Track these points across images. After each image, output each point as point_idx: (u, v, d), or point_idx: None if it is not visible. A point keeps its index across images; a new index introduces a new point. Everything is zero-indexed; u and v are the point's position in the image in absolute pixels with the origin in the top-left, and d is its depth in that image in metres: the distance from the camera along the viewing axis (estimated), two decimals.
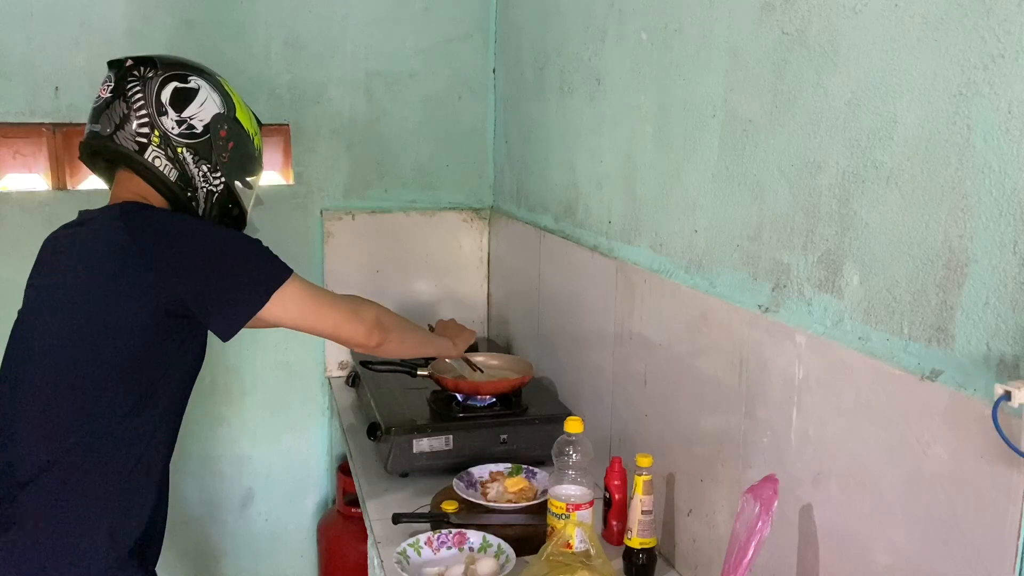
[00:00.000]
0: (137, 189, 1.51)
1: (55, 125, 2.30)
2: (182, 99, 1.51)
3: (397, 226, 2.61)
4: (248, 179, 1.64)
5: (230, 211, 1.62)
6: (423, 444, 1.84)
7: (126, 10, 2.30)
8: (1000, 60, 0.87)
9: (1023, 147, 0.85)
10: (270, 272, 1.45)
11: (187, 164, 1.51)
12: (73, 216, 1.57)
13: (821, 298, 1.15)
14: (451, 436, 1.86)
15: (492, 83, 2.64)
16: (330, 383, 2.58)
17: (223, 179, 1.56)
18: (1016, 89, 0.86)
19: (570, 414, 1.84)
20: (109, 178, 1.58)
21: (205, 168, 1.53)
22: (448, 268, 2.69)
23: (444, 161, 2.65)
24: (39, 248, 1.55)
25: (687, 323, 1.48)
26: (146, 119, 1.48)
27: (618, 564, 1.49)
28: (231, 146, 1.57)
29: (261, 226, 2.51)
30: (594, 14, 1.86)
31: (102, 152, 1.52)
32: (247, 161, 1.62)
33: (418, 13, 2.55)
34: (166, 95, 1.50)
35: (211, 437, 2.54)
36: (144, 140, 1.48)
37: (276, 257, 1.47)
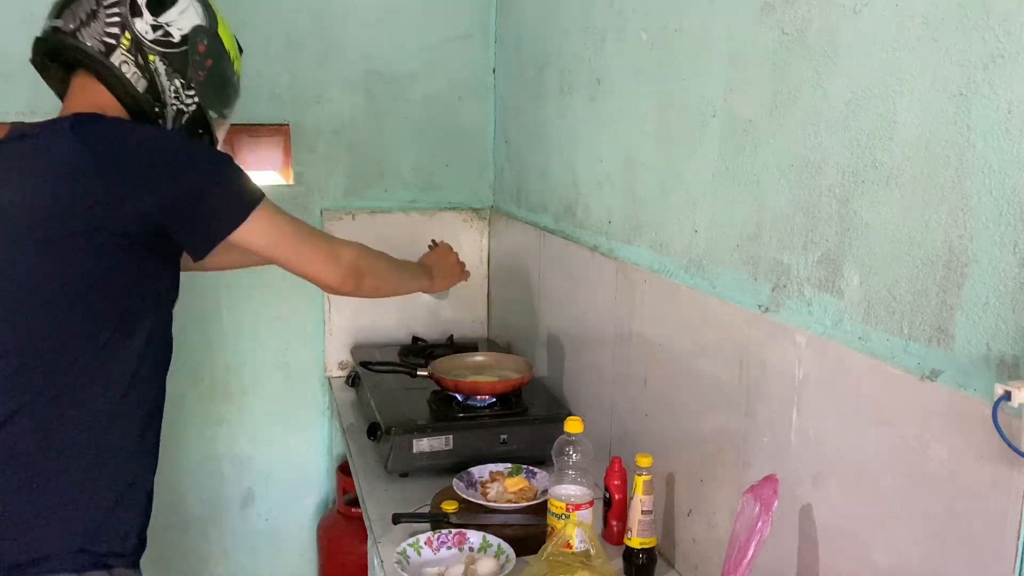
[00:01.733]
0: (95, 99, 1.34)
1: None
2: (160, 2, 1.36)
3: (397, 226, 2.61)
4: (223, 109, 1.48)
5: (199, 137, 1.46)
6: (423, 444, 1.84)
7: None
8: (1000, 60, 0.87)
9: (1023, 147, 0.85)
10: (247, 189, 1.33)
11: (158, 75, 1.35)
12: None
13: (821, 298, 1.15)
14: (451, 436, 1.86)
15: (492, 83, 2.64)
16: (330, 383, 2.58)
17: (196, 99, 1.41)
18: (1016, 89, 0.86)
19: (570, 414, 1.84)
20: (62, 86, 1.41)
21: (178, 83, 1.38)
22: None
23: (444, 161, 2.65)
24: None
25: (687, 323, 1.48)
26: (117, 18, 1.32)
27: (618, 564, 1.49)
28: (209, 64, 1.41)
29: None
30: (594, 14, 1.86)
31: (59, 51, 1.35)
32: (224, 84, 1.47)
33: (418, 13, 2.55)
34: None
35: (211, 437, 2.54)
36: (112, 41, 1.32)
37: (250, 178, 1.36)
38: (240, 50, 1.54)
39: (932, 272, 0.97)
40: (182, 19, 1.38)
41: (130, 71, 1.34)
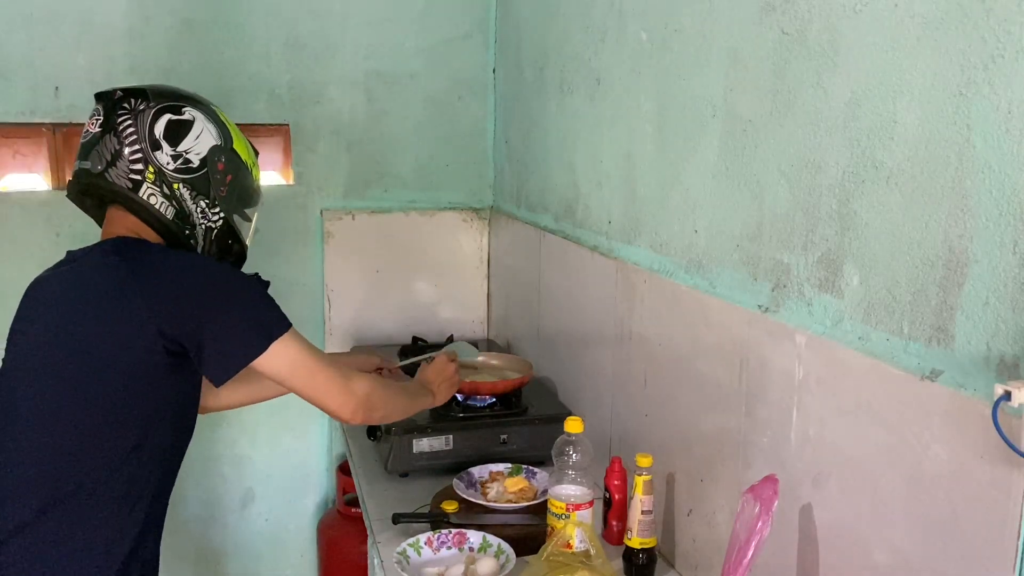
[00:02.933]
0: (131, 226, 1.43)
1: (55, 125, 2.30)
2: (177, 132, 1.43)
3: (397, 226, 2.61)
4: (247, 211, 1.56)
5: (230, 247, 1.54)
6: (423, 444, 1.84)
7: (126, 10, 2.30)
8: (1000, 60, 0.87)
9: (1023, 147, 0.85)
10: (271, 320, 1.36)
11: (184, 201, 1.43)
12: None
13: (821, 298, 1.15)
14: (451, 436, 1.86)
15: (492, 83, 2.64)
16: None
17: (222, 214, 1.48)
18: (1016, 89, 0.86)
19: (570, 414, 1.84)
20: (100, 215, 1.49)
21: (203, 204, 1.45)
22: (448, 268, 2.68)
23: (444, 161, 2.65)
24: (23, 292, 1.45)
25: (687, 323, 1.48)
26: (139, 155, 1.40)
27: (618, 564, 1.49)
28: (229, 179, 1.49)
29: (261, 226, 2.50)
30: (594, 14, 1.86)
31: (92, 191, 1.44)
32: (246, 193, 1.54)
33: (418, 13, 2.55)
34: (160, 128, 1.41)
35: (211, 437, 2.54)
36: (138, 177, 1.40)
37: (277, 306, 1.39)
38: (256, 154, 1.60)
39: (932, 272, 0.97)
40: (198, 144, 1.45)
41: (158, 202, 1.41)
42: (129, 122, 1.40)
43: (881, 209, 1.04)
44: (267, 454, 2.61)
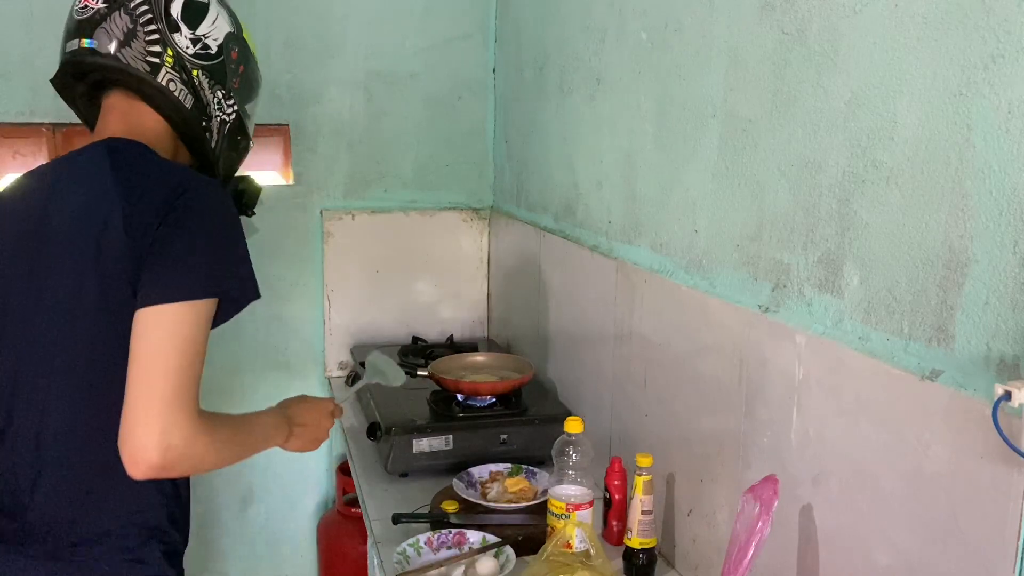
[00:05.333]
0: (139, 120, 1.30)
1: (55, 125, 2.30)
2: (194, 14, 1.31)
3: (397, 226, 2.61)
4: (249, 106, 1.47)
5: (239, 143, 1.44)
6: (423, 444, 1.84)
7: None
8: (1000, 60, 0.87)
9: (1023, 147, 0.85)
10: (224, 275, 1.18)
11: (203, 89, 1.32)
12: None
13: (821, 298, 1.15)
14: (451, 436, 1.86)
15: (492, 83, 2.64)
16: (330, 383, 2.58)
17: (235, 106, 1.39)
18: (1016, 89, 0.86)
19: (570, 414, 1.84)
20: (88, 106, 1.35)
21: (220, 94, 1.35)
22: (448, 268, 2.69)
23: (444, 161, 2.65)
24: None
25: (687, 323, 1.48)
26: (157, 35, 1.27)
27: (618, 564, 1.49)
28: (242, 70, 1.39)
29: (261, 226, 2.51)
30: (594, 14, 1.86)
31: (96, 73, 1.29)
32: (255, 86, 1.47)
33: (418, 13, 2.55)
34: (176, 8, 1.29)
35: None
36: (156, 60, 1.27)
37: (248, 274, 1.22)
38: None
39: (932, 272, 0.97)
40: (215, 29, 1.35)
41: (177, 89, 1.30)
42: None
43: (881, 209, 1.04)
44: (267, 454, 2.58)
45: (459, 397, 1.99)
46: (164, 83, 1.28)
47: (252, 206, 1.62)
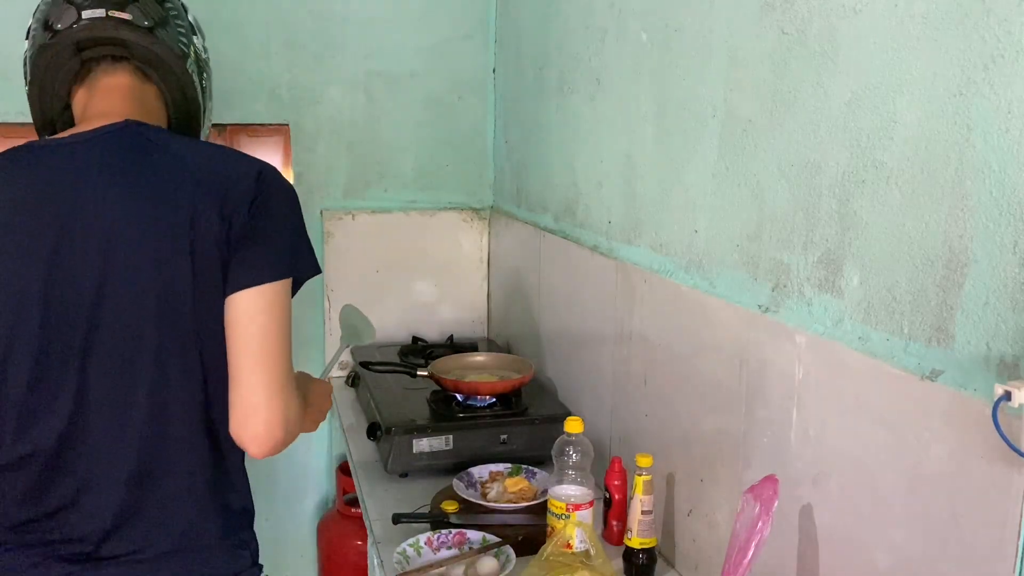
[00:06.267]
0: (147, 103, 1.27)
1: None
2: (198, 25, 1.36)
3: (397, 226, 2.61)
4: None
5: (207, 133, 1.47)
6: (423, 444, 1.84)
7: None
8: (1000, 60, 0.87)
9: (1023, 147, 0.85)
10: (296, 254, 1.24)
11: (207, 92, 1.36)
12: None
13: (821, 298, 1.15)
14: (451, 436, 1.86)
15: (492, 83, 2.64)
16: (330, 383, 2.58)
17: (213, 119, 1.44)
18: (1016, 89, 0.86)
19: (570, 414, 1.85)
20: (69, 79, 1.28)
21: (210, 104, 1.40)
22: (448, 268, 2.69)
23: (444, 161, 2.65)
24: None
25: (687, 323, 1.48)
26: (183, 29, 1.29)
27: (618, 564, 1.49)
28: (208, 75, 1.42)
29: None
30: (594, 14, 1.86)
31: (116, 48, 1.23)
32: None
33: (418, 13, 2.55)
34: (191, 16, 1.34)
35: None
36: (185, 49, 1.28)
37: (311, 250, 1.30)
38: None
39: (932, 272, 0.97)
40: (204, 41, 1.39)
41: (196, 82, 1.32)
42: None
43: (881, 209, 1.04)
44: None
45: (459, 397, 1.99)
46: (190, 72, 1.29)
47: None
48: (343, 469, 2.48)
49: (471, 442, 1.86)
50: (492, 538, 1.53)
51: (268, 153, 2.49)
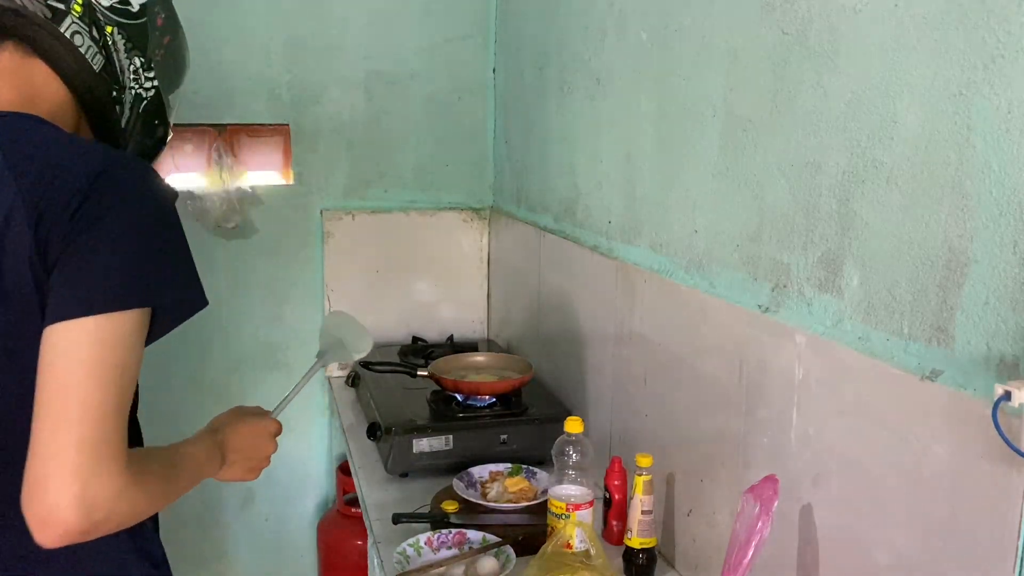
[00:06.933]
0: (30, 85, 1.03)
1: None
2: None
3: (397, 226, 2.61)
4: (172, 94, 1.19)
5: (155, 128, 1.17)
6: (423, 444, 1.84)
7: None
8: (1000, 60, 0.87)
9: (1023, 147, 0.85)
10: (141, 281, 0.94)
11: (117, 51, 1.07)
12: None
13: (821, 298, 1.15)
14: (451, 436, 1.86)
15: (492, 83, 2.64)
16: (330, 383, 2.58)
17: (156, 82, 1.13)
18: (1016, 89, 0.86)
19: (570, 414, 1.84)
20: None
21: (138, 62, 1.10)
22: (448, 268, 2.69)
23: (444, 161, 2.65)
24: None
25: (687, 323, 1.48)
26: None
27: (618, 564, 1.49)
28: (167, 40, 1.15)
29: (261, 226, 2.52)
30: (594, 14, 1.86)
31: None
32: (180, 66, 1.20)
33: (418, 13, 2.55)
34: None
35: None
36: (60, 5, 1.02)
37: (186, 277, 1.01)
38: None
39: (932, 272, 0.97)
40: None
41: (84, 43, 1.03)
42: None
43: (881, 209, 1.04)
44: None
45: (459, 397, 1.99)
46: (68, 34, 1.02)
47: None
48: (343, 469, 2.48)
49: (471, 442, 1.86)
50: (492, 538, 1.53)
51: (268, 153, 2.49)
